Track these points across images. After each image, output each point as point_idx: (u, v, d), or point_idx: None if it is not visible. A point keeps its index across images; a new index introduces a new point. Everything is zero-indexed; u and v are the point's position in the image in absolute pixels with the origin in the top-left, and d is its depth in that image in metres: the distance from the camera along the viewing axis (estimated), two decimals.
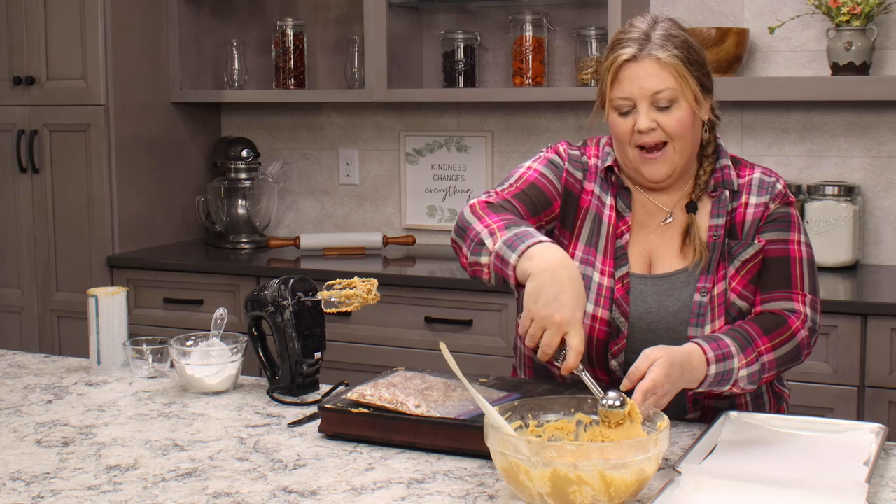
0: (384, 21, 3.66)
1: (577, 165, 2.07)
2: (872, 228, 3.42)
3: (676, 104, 1.94)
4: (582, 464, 1.43)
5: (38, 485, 1.63)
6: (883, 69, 3.36)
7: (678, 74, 1.93)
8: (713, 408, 2.00)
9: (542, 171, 2.05)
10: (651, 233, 2.05)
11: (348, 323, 3.42)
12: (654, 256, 2.03)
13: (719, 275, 1.99)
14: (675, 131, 1.94)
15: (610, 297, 1.99)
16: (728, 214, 2.01)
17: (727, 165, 2.04)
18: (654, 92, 1.93)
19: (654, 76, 1.93)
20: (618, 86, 1.95)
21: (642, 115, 1.94)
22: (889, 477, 1.64)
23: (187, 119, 4.12)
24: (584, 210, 2.05)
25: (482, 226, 1.89)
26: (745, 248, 1.99)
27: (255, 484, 1.63)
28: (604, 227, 2.04)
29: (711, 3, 3.54)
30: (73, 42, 3.76)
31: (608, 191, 2.05)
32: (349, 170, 4.12)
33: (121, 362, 2.29)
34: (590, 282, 2.00)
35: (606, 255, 2.02)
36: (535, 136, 3.76)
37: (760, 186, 2.03)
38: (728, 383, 1.89)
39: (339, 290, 2.08)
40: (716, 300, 1.97)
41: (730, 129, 3.56)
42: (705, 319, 1.96)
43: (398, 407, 1.78)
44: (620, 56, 1.94)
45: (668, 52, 1.93)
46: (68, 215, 3.84)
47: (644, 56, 1.93)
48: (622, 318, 1.99)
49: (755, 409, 2.05)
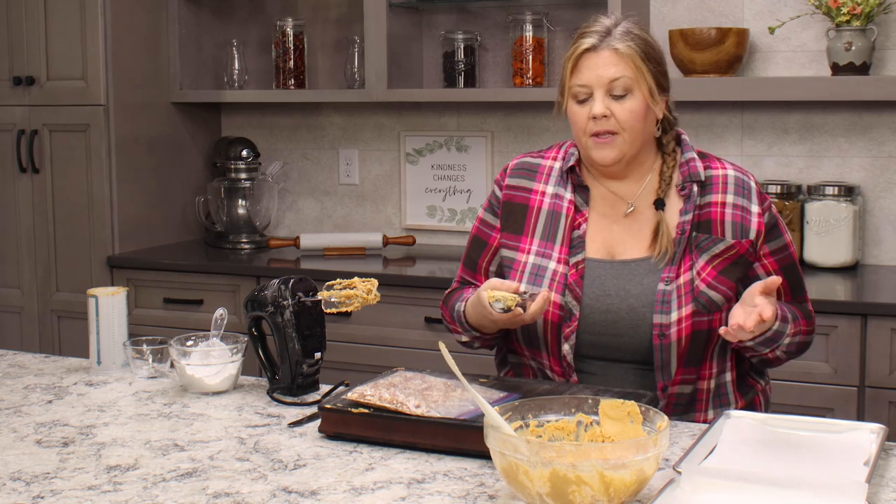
0: (384, 21, 3.66)
1: (523, 173, 2.19)
2: (872, 228, 3.42)
3: (631, 94, 2.03)
4: (581, 464, 1.43)
5: (39, 485, 1.63)
6: (883, 69, 3.36)
7: (634, 66, 2.03)
8: (676, 394, 2.05)
9: (482, 219, 2.23)
10: (614, 223, 2.12)
11: (348, 323, 3.42)
12: (617, 245, 2.10)
13: (685, 265, 2.05)
14: (626, 121, 2.03)
15: (563, 283, 2.07)
16: (696, 209, 2.07)
17: (693, 159, 2.11)
18: (611, 79, 2.03)
19: (612, 65, 2.03)
20: (577, 74, 2.06)
21: (597, 102, 2.04)
22: (889, 477, 1.64)
23: (187, 119, 4.12)
24: (534, 210, 2.16)
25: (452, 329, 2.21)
26: (715, 243, 2.06)
27: (255, 484, 1.63)
28: (562, 220, 2.13)
29: (711, 3, 3.54)
30: (73, 42, 3.77)
31: (568, 188, 2.14)
32: (349, 170, 4.12)
33: (121, 362, 2.29)
34: (545, 270, 2.09)
35: (563, 245, 2.11)
36: (535, 136, 3.76)
37: (737, 185, 2.10)
38: (774, 344, 2.02)
39: (339, 290, 2.08)
40: (682, 288, 2.03)
41: (730, 129, 3.56)
42: (670, 307, 2.02)
43: (398, 407, 1.78)
44: (581, 45, 2.05)
45: (627, 44, 2.03)
46: (68, 215, 3.84)
47: (603, 47, 2.04)
48: (574, 301, 2.06)
49: (717, 406, 2.09)
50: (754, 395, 2.15)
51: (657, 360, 2.03)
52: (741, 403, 2.12)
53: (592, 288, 2.06)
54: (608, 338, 2.05)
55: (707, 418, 2.07)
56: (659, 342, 2.02)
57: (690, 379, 2.05)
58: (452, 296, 2.23)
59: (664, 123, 2.12)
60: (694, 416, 2.07)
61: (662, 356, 2.02)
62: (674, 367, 2.03)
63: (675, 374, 2.03)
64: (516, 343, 2.16)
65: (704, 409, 2.08)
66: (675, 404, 2.05)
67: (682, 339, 2.01)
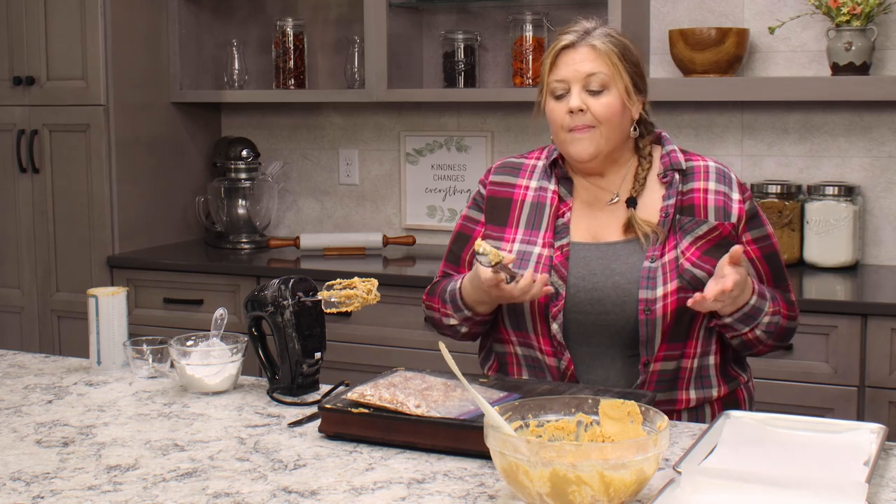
0: (384, 21, 3.66)
1: (506, 171, 2.25)
2: (872, 228, 3.42)
3: (608, 90, 2.08)
4: (581, 464, 1.43)
5: (38, 485, 1.63)
6: (883, 69, 3.36)
7: (611, 62, 2.08)
8: (657, 372, 2.07)
9: (466, 215, 2.26)
10: (599, 211, 2.16)
11: (348, 323, 3.42)
12: (602, 230, 2.14)
13: (669, 245, 2.09)
14: (602, 115, 2.07)
15: (549, 265, 2.11)
16: (679, 195, 2.12)
17: (674, 150, 2.17)
18: (588, 74, 2.08)
19: (589, 61, 2.08)
20: (554, 70, 2.12)
21: (574, 96, 2.09)
22: (889, 477, 1.64)
23: (187, 119, 4.12)
24: (518, 203, 2.19)
25: (440, 315, 2.21)
26: (698, 225, 2.10)
27: (255, 484, 1.63)
28: (546, 209, 2.17)
29: (711, 3, 3.54)
30: (73, 42, 3.77)
31: (552, 181, 2.19)
32: (349, 170, 4.12)
33: (121, 362, 2.29)
34: (530, 255, 2.13)
35: (547, 231, 2.15)
36: (535, 136, 3.76)
37: (718, 174, 2.16)
38: (753, 322, 2.04)
39: (339, 290, 2.08)
40: (667, 266, 2.07)
41: (730, 129, 3.56)
42: (656, 283, 2.06)
43: (398, 407, 1.78)
44: (560, 42, 2.11)
45: (604, 41, 2.08)
46: (68, 215, 3.84)
47: (582, 44, 2.09)
48: (560, 281, 2.09)
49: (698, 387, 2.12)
50: (737, 387, 2.18)
51: (642, 334, 2.05)
52: (724, 390, 2.14)
53: (578, 268, 2.10)
54: (595, 316, 2.08)
55: (689, 397, 2.10)
56: (644, 317, 2.05)
57: (674, 356, 2.08)
58: (439, 285, 2.24)
59: (641, 126, 2.16)
60: (676, 394, 2.10)
61: (648, 331, 2.05)
62: (657, 343, 2.06)
63: (658, 349, 2.06)
64: (502, 329, 2.17)
65: (686, 387, 2.11)
66: (658, 381, 2.08)
67: (668, 314, 2.04)
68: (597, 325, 2.08)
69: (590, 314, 2.08)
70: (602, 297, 2.07)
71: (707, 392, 2.11)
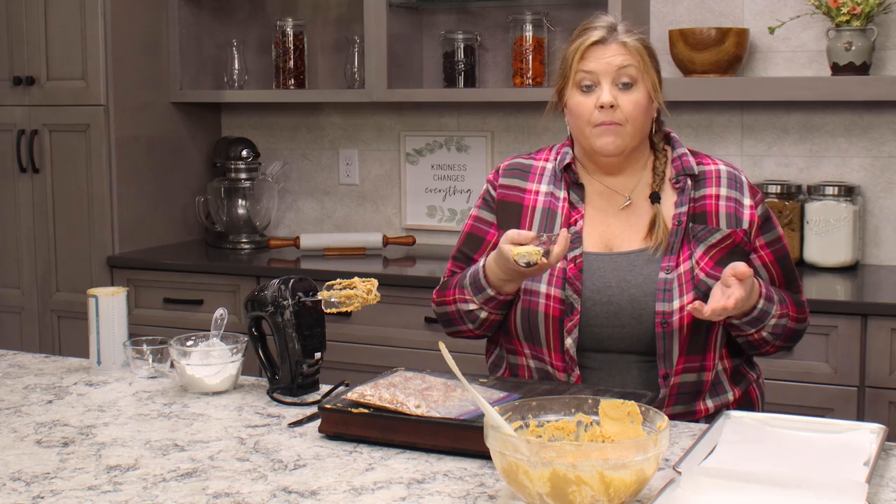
0: (384, 21, 3.66)
1: (516, 173, 2.21)
2: (872, 228, 3.42)
3: (636, 86, 2.08)
4: (581, 464, 1.43)
5: (38, 485, 1.63)
6: (883, 69, 3.36)
7: (641, 59, 2.09)
8: (678, 384, 2.06)
9: (477, 216, 2.23)
10: (611, 217, 2.14)
11: (348, 323, 3.42)
12: (615, 239, 2.12)
13: (684, 255, 2.07)
14: (631, 112, 2.07)
15: (563, 277, 2.08)
16: (691, 202, 2.11)
17: (685, 154, 2.16)
18: (619, 67, 2.07)
19: (621, 55, 2.08)
20: (584, 62, 2.09)
21: (605, 91, 2.06)
22: (889, 477, 1.64)
23: (187, 119, 4.12)
24: (529, 209, 2.17)
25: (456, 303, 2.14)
26: (711, 233, 2.09)
27: (256, 484, 1.63)
28: (557, 217, 2.14)
29: (711, 3, 3.54)
30: (73, 42, 3.77)
31: (562, 187, 2.16)
32: (349, 170, 4.12)
33: (121, 362, 2.29)
34: None
35: None
36: (535, 136, 3.76)
37: (730, 179, 2.15)
38: (759, 325, 2.04)
39: (339, 290, 2.08)
40: (683, 276, 2.06)
41: (730, 129, 3.56)
42: (672, 294, 2.04)
43: (398, 407, 1.78)
44: (590, 38, 2.09)
45: (633, 39, 2.09)
46: (68, 215, 3.84)
47: (612, 40, 2.09)
48: (575, 294, 2.07)
49: (714, 395, 2.11)
50: (748, 385, 2.17)
51: (660, 348, 2.04)
52: (738, 393, 2.13)
53: (592, 280, 2.08)
54: (611, 329, 2.07)
55: (706, 407, 2.09)
56: (661, 330, 2.03)
57: (694, 368, 2.07)
58: (450, 280, 2.19)
59: (655, 124, 2.17)
60: (695, 406, 2.09)
61: (665, 344, 2.04)
62: (676, 356, 2.04)
63: (677, 362, 2.05)
64: (515, 341, 2.15)
65: (704, 398, 2.10)
66: (679, 394, 2.06)
67: (685, 326, 2.03)
68: (613, 338, 2.07)
69: (605, 327, 2.07)
70: (618, 311, 2.06)
71: (724, 398, 2.10)
